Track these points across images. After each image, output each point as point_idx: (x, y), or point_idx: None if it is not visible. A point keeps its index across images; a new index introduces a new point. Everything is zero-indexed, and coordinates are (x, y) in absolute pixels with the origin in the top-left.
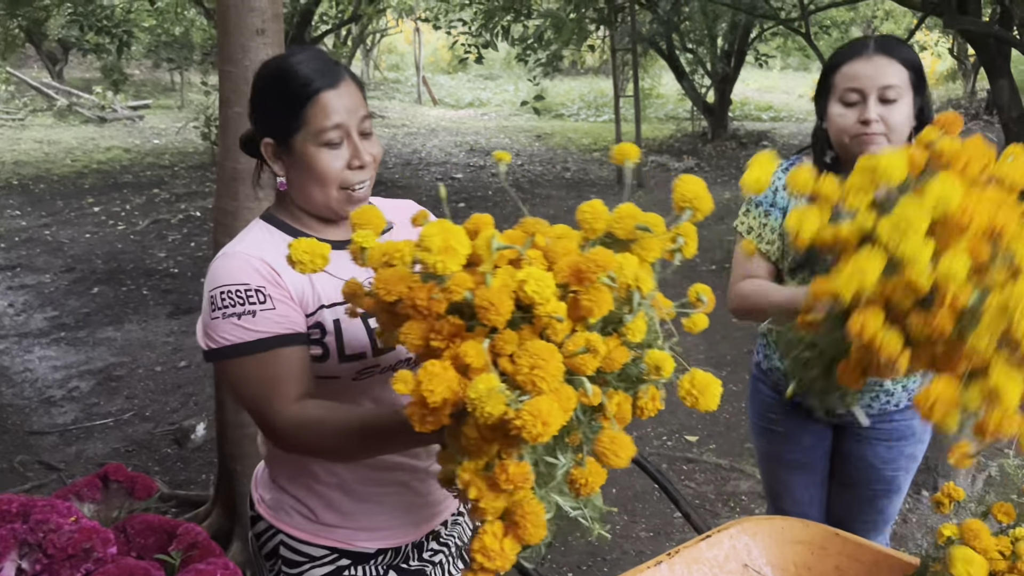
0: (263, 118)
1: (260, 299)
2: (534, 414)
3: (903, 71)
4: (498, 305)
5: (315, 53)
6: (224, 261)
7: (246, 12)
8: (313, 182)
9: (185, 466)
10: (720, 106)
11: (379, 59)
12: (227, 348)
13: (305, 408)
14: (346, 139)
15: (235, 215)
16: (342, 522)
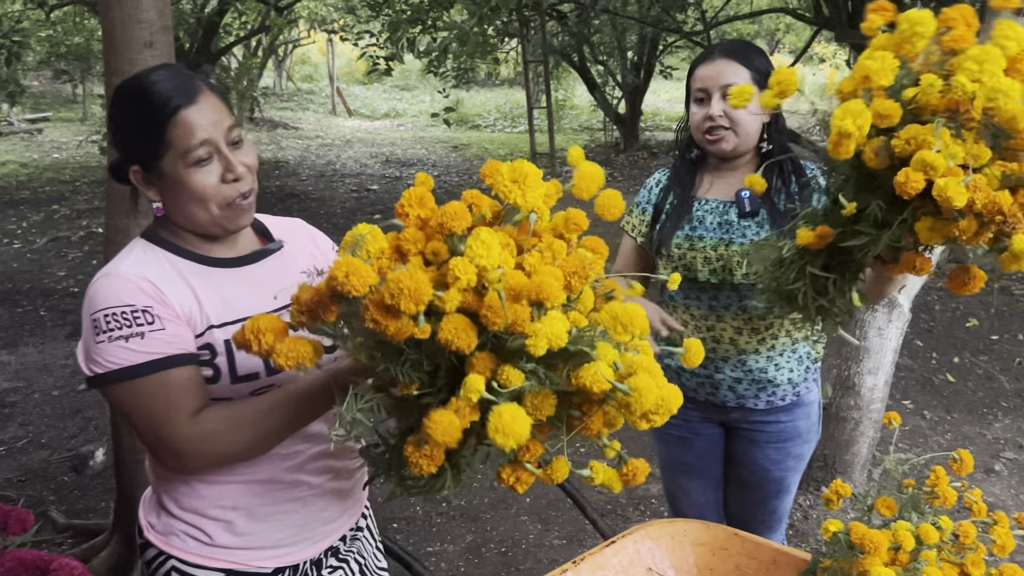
0: (126, 145)
1: (148, 320)
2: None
3: (744, 71)
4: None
5: (169, 71)
6: (106, 282)
7: (133, 24)
8: (192, 203)
9: (83, 494)
10: (631, 117)
11: (292, 70)
12: (116, 372)
13: (204, 418)
14: (216, 154)
15: (127, 232)
16: (238, 543)
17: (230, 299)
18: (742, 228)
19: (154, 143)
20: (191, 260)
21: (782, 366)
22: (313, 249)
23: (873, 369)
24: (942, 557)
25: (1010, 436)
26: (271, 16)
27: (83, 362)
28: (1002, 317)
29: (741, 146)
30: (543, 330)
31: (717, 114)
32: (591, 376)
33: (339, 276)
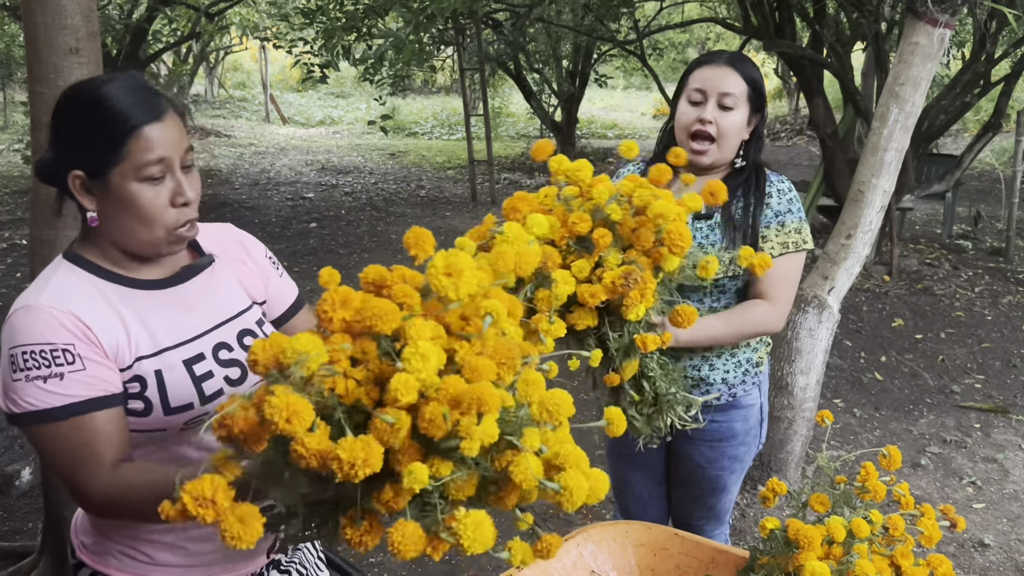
0: (71, 149)
1: (68, 359)
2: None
3: (744, 85)
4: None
5: (133, 81)
6: (26, 316)
7: (57, 30)
8: (135, 220)
9: (9, 515)
10: (567, 124)
11: (224, 77)
12: (33, 413)
13: (121, 475)
14: (168, 173)
15: (53, 244)
16: (177, 561)
17: (159, 325)
18: (693, 229)
19: (109, 152)
20: (117, 283)
21: (717, 367)
22: (244, 257)
23: (805, 369)
24: (873, 550)
25: (934, 431)
26: (202, 22)
27: (1, 397)
28: (925, 317)
29: (719, 160)
30: (478, 433)
31: (709, 119)
32: (522, 473)
33: (279, 420)
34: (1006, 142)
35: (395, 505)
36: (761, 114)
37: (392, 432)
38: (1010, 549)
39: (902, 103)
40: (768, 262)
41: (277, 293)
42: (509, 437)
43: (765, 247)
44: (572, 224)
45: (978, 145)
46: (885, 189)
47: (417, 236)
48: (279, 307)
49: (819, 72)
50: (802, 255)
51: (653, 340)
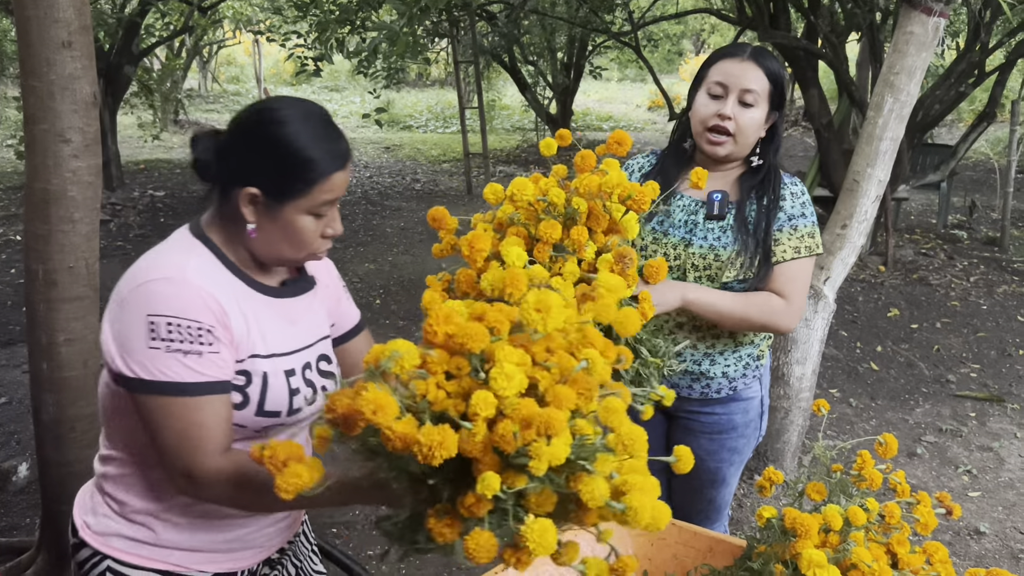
0: (256, 170)
1: (209, 340)
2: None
3: (766, 82)
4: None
5: (324, 120)
6: (171, 288)
7: (50, 24)
8: (288, 243)
9: (6, 511)
10: (562, 117)
11: (217, 71)
12: (165, 384)
13: (233, 461)
14: (329, 210)
15: (47, 239)
16: (181, 543)
17: (270, 331)
18: (705, 230)
19: (296, 189)
20: (242, 281)
21: (718, 361)
22: (328, 280)
23: (801, 359)
24: (870, 537)
25: (930, 420)
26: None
27: (118, 356)
28: (921, 307)
29: (735, 154)
30: (545, 454)
31: (729, 115)
32: (589, 493)
33: (367, 412)
34: (1001, 132)
35: (476, 511)
36: (780, 112)
37: (468, 437)
38: (1005, 537)
39: (897, 92)
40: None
41: (343, 316)
42: (582, 462)
43: (777, 251)
44: (547, 235)
45: (973, 135)
46: (880, 179)
47: (513, 277)
48: (341, 328)
49: (814, 63)
50: (813, 260)
51: (650, 308)
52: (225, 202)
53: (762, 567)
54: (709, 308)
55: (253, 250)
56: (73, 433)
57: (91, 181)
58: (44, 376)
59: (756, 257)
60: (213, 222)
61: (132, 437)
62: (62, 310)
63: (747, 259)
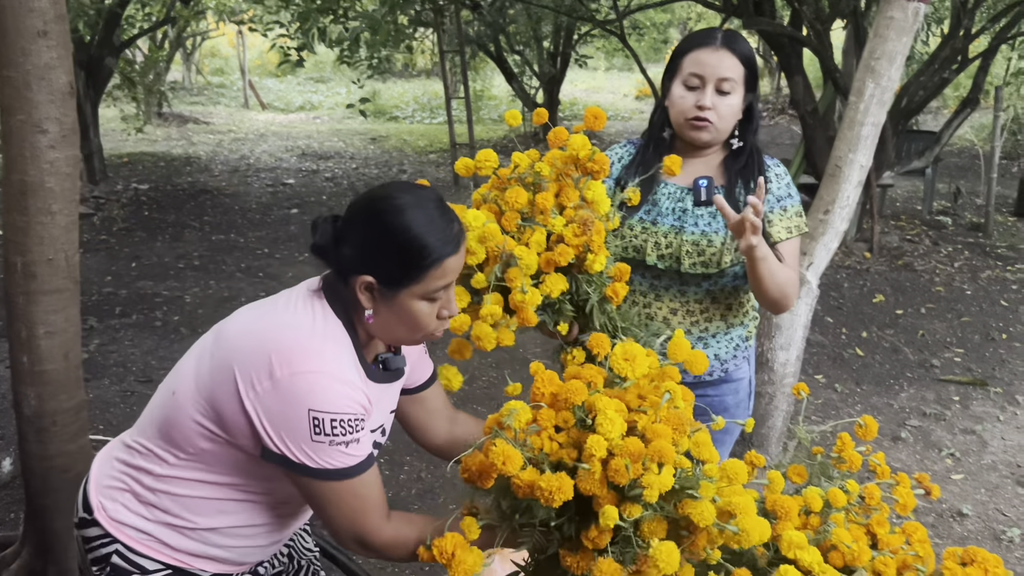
0: (372, 260)
1: (360, 427)
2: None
3: (740, 67)
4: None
5: (439, 206)
6: (332, 385)
7: (25, 13)
8: (405, 327)
9: None
10: (549, 106)
11: (201, 63)
12: (331, 471)
13: (396, 524)
14: (444, 293)
15: (26, 231)
16: (192, 548)
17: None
18: (695, 216)
19: (411, 276)
20: (362, 369)
21: (711, 344)
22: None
23: (785, 345)
24: (850, 519)
25: (915, 405)
26: (176, 7)
27: (275, 437)
28: (906, 292)
29: (716, 139)
30: (656, 482)
31: (709, 106)
32: (699, 515)
33: (497, 462)
34: (985, 118)
35: (599, 542)
36: (754, 92)
37: (587, 476)
38: (988, 518)
39: (878, 78)
40: None
41: (422, 368)
42: (689, 490)
43: (772, 231)
44: (512, 202)
45: (956, 121)
46: (862, 164)
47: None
48: (416, 381)
49: (799, 50)
50: (799, 239)
51: (622, 287)
52: (343, 286)
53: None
54: (769, 270)
55: (372, 333)
56: (55, 427)
57: (69, 172)
58: (24, 369)
59: None
60: (338, 298)
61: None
62: (42, 303)
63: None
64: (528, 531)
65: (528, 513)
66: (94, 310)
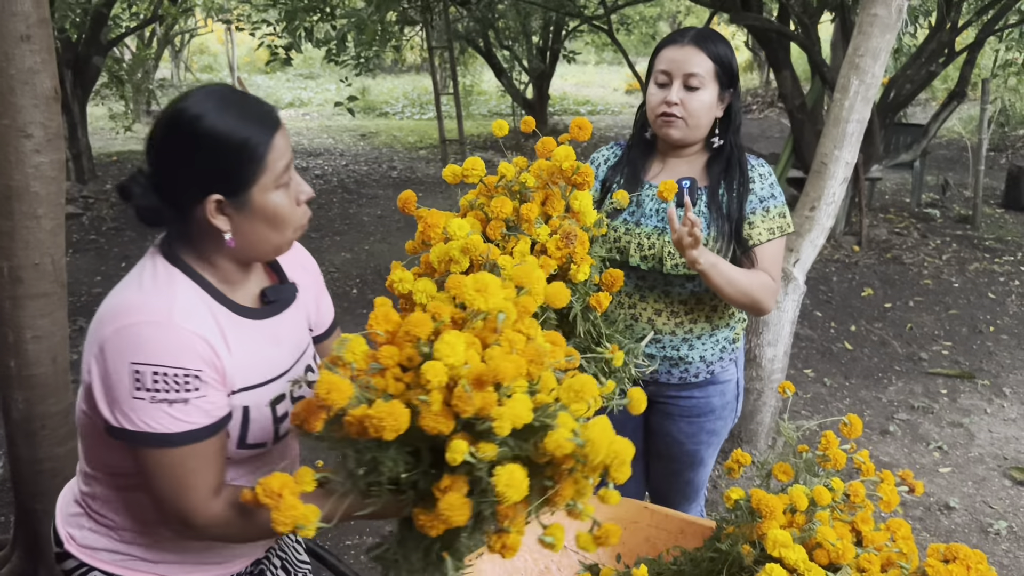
0: (203, 180)
1: (195, 386)
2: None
3: (709, 63)
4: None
5: (236, 93)
6: (158, 333)
7: (7, 17)
8: (271, 228)
9: None
10: (539, 101)
11: (190, 60)
12: (150, 436)
13: (224, 501)
14: (291, 177)
15: (11, 235)
16: (169, 557)
17: (256, 359)
18: (678, 218)
19: (251, 170)
20: (226, 307)
21: (696, 346)
22: (308, 282)
23: (772, 341)
24: (835, 516)
25: (903, 398)
26: (164, 5)
27: (104, 402)
28: (894, 286)
29: (690, 136)
30: (507, 412)
31: (675, 101)
32: (553, 442)
33: (320, 392)
34: (973, 110)
35: (453, 489)
36: (733, 90)
37: (426, 409)
38: (975, 511)
39: (862, 74)
40: None
41: (322, 314)
42: (545, 419)
43: (753, 233)
44: (497, 211)
45: (944, 114)
46: (848, 160)
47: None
48: (320, 327)
49: (786, 44)
50: (784, 239)
51: (606, 297)
52: (188, 224)
53: (730, 547)
54: (725, 279)
55: (239, 256)
56: (44, 430)
57: (54, 176)
58: (12, 374)
59: (732, 241)
60: (183, 246)
61: (110, 461)
62: (28, 307)
63: (724, 244)
64: (377, 490)
65: (376, 471)
66: (83, 311)
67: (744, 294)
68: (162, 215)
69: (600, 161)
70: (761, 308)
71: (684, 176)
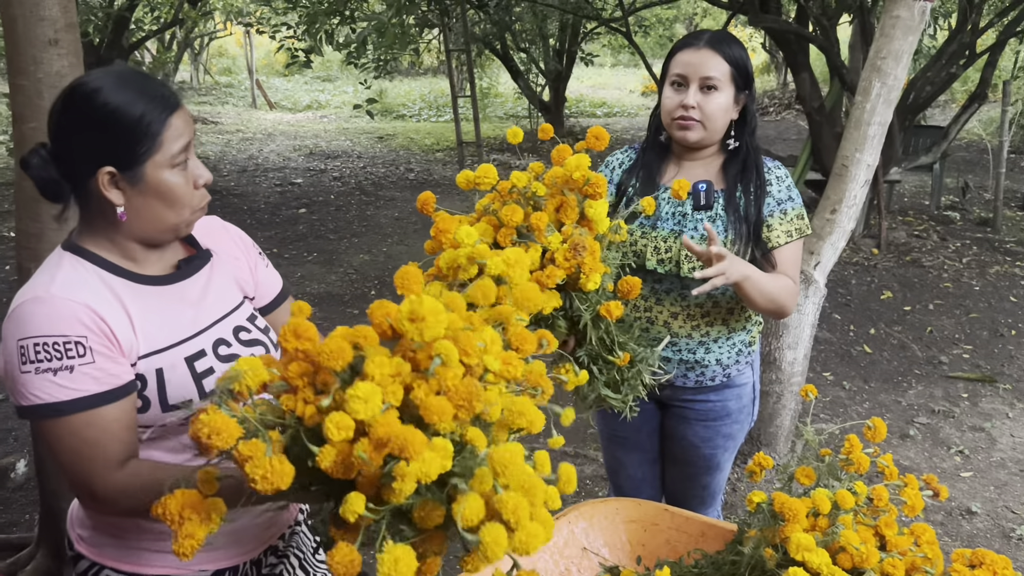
0: (97, 153)
1: (80, 352)
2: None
3: (725, 66)
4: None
5: (136, 72)
6: (36, 307)
7: (36, 22)
8: (166, 206)
9: (5, 507)
10: (556, 104)
11: (209, 63)
12: (40, 407)
13: (129, 471)
14: (189, 158)
15: (39, 237)
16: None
17: (163, 321)
18: (695, 221)
19: (146, 143)
20: (125, 278)
21: (712, 349)
22: (236, 252)
23: (792, 344)
24: (858, 520)
25: (923, 402)
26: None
27: (9, 389)
28: (913, 289)
29: (706, 139)
30: (411, 474)
31: (691, 104)
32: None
33: (202, 437)
34: (993, 112)
35: (351, 528)
36: (748, 92)
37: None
38: (997, 516)
39: (884, 77)
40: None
41: (263, 284)
42: (456, 479)
43: (771, 236)
44: (508, 219)
45: (964, 116)
46: (869, 163)
47: (405, 276)
48: (265, 298)
49: (805, 46)
50: (802, 241)
51: (617, 306)
52: (86, 202)
53: (752, 551)
54: (757, 289)
55: (135, 234)
56: None
57: None
58: None
59: (750, 243)
60: (83, 230)
61: None
62: None
63: (741, 246)
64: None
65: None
66: None
67: (772, 300)
68: (61, 189)
69: (615, 165)
70: (784, 312)
71: (700, 179)
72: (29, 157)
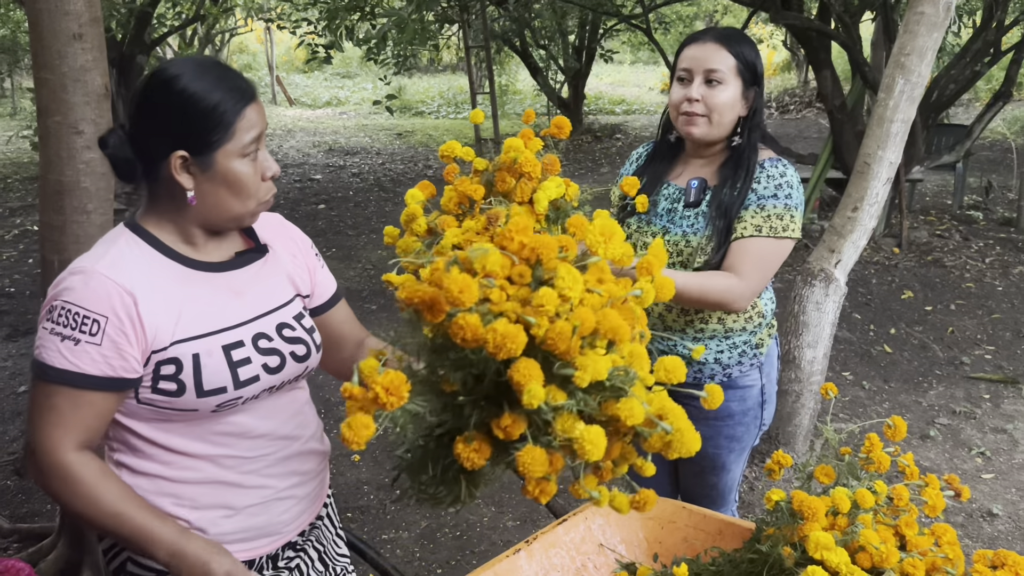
0: (172, 137)
1: (92, 331)
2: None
3: (731, 59)
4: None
5: (217, 63)
6: (80, 279)
7: (60, 16)
8: (233, 195)
9: (28, 498)
10: (574, 101)
11: (230, 59)
12: (37, 362)
13: (78, 461)
14: (258, 151)
15: (62, 230)
16: (197, 525)
17: (207, 309)
18: (682, 217)
19: (219, 131)
20: (177, 262)
21: (709, 347)
22: (294, 249)
23: (812, 343)
24: (878, 520)
25: (943, 403)
26: (206, 5)
27: None
28: (935, 289)
29: (712, 135)
30: (591, 364)
31: (695, 97)
32: (628, 411)
33: (454, 291)
34: (1018, 111)
35: (511, 432)
36: (757, 89)
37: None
38: (1018, 518)
39: (908, 74)
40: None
41: (318, 285)
42: (621, 385)
43: (738, 227)
44: (455, 191)
45: (988, 114)
46: (891, 161)
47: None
48: (319, 298)
49: (827, 44)
50: (782, 243)
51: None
52: (156, 184)
53: (771, 549)
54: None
55: (201, 219)
56: None
57: (104, 172)
58: None
59: (724, 237)
60: (148, 210)
61: (117, 435)
62: None
63: (716, 243)
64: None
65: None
66: None
67: (698, 298)
68: (134, 169)
69: (635, 158)
70: (725, 308)
71: (697, 176)
72: (107, 136)
